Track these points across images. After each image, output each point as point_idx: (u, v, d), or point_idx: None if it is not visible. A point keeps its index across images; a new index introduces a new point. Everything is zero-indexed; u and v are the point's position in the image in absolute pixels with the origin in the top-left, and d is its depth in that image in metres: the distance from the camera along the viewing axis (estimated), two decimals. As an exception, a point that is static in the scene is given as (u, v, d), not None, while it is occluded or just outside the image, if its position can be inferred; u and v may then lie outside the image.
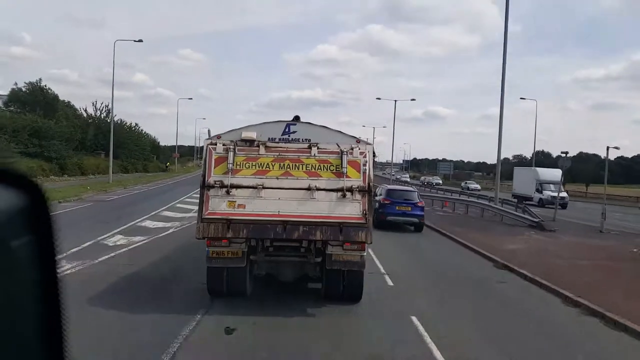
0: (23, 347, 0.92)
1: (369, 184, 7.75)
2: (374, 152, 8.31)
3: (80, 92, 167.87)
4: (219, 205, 7.52)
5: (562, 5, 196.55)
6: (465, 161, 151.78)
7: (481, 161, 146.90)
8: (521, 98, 55.84)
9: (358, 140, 8.02)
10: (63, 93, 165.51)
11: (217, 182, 7.56)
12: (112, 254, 11.16)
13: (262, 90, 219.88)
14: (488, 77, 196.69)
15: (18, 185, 0.96)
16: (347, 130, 9.03)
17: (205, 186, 7.59)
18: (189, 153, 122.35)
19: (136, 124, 73.39)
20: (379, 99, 52.34)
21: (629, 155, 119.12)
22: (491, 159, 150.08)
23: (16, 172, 0.98)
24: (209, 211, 7.49)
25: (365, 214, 7.58)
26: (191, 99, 77.02)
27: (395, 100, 50.92)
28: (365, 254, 7.93)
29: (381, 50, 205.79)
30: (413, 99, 46.68)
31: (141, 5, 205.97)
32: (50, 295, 0.96)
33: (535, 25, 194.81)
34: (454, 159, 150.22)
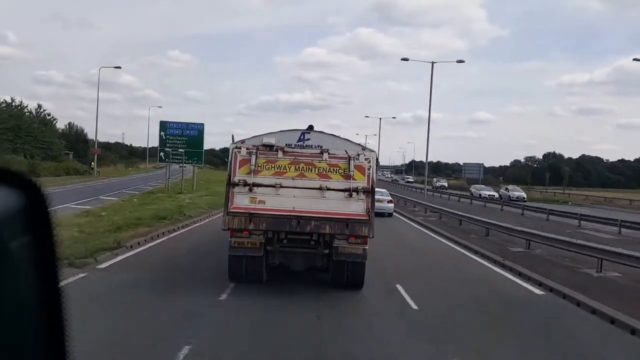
0: (24, 350, 0.92)
1: (372, 185, 8.90)
2: (377, 159, 9.48)
3: (65, 93, 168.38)
4: (242, 201, 8.70)
5: (547, 10, 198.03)
6: (461, 164, 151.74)
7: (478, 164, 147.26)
8: (634, 59, 39.69)
9: (363, 148, 9.19)
10: (48, 94, 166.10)
11: (241, 181, 8.74)
12: None
13: (252, 92, 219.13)
14: (477, 81, 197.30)
15: (17, 185, 0.95)
16: (337, 133, 10.27)
17: (230, 184, 8.77)
18: (154, 153, 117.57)
19: (42, 109, 53.13)
20: (405, 59, 38.98)
21: (630, 158, 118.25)
22: (488, 162, 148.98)
23: (15, 172, 0.98)
24: (234, 205, 8.68)
25: (369, 211, 8.73)
26: (119, 67, 57.45)
27: (433, 62, 37.52)
28: (367, 247, 9.07)
29: (371, 54, 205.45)
30: (461, 60, 35.85)
31: (129, 6, 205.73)
32: (51, 296, 0.96)
33: (522, 31, 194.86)
34: (450, 162, 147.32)
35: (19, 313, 0.91)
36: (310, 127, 9.47)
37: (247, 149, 8.90)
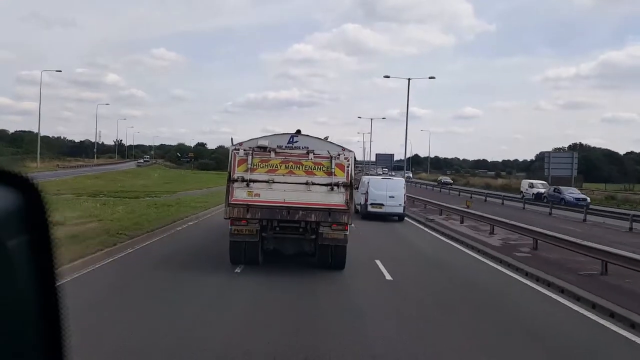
0: (22, 349, 0.93)
1: (350, 181, 10.51)
2: (355, 158, 11.08)
3: (50, 93, 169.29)
4: (240, 194, 10.30)
5: (533, 5, 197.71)
6: (461, 159, 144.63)
7: (481, 159, 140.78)
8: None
9: (343, 149, 10.79)
10: (34, 94, 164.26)
11: (239, 178, 10.34)
12: None
13: (238, 90, 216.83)
14: (463, 77, 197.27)
15: (13, 184, 0.96)
16: (325, 130, 11.91)
17: (230, 180, 10.37)
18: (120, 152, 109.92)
19: None
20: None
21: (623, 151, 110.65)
22: (490, 157, 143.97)
23: (11, 172, 0.98)
24: (233, 198, 10.27)
25: (347, 202, 10.33)
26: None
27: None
28: (347, 233, 10.64)
29: (357, 50, 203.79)
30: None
31: (112, 4, 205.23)
32: (48, 296, 0.97)
33: (508, 26, 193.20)
34: (449, 157, 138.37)
35: (17, 312, 0.92)
36: (298, 132, 11.08)
37: (244, 150, 10.50)
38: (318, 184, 10.40)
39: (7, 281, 0.90)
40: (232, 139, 10.89)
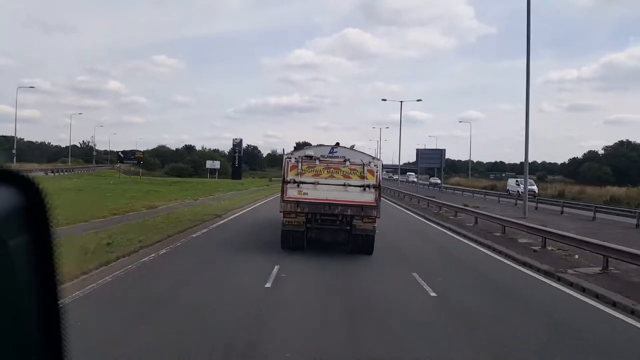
0: (21, 350, 0.94)
1: (379, 183, 13.24)
2: (382, 165, 13.86)
3: (51, 100, 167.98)
4: (292, 193, 12.94)
5: (534, 7, 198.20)
6: (475, 161, 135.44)
7: (498, 161, 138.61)
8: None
9: (373, 158, 13.56)
10: (34, 102, 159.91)
11: (291, 180, 12.98)
12: None
13: (240, 96, 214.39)
14: (464, 79, 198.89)
15: (14, 184, 0.97)
16: (326, 134, 14.51)
17: (285, 182, 13.01)
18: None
19: None
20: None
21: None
22: (506, 159, 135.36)
23: (13, 171, 1.00)
24: (287, 196, 12.91)
25: (377, 200, 13.05)
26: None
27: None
28: (376, 225, 13.35)
29: (358, 55, 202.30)
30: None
31: (113, 11, 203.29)
32: (48, 295, 0.98)
33: (509, 28, 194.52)
34: (463, 159, 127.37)
35: (17, 312, 0.93)
36: (337, 144, 13.83)
37: (295, 158, 13.16)
38: (353, 186, 13.08)
39: (8, 280, 0.91)
40: (283, 149, 13.77)
